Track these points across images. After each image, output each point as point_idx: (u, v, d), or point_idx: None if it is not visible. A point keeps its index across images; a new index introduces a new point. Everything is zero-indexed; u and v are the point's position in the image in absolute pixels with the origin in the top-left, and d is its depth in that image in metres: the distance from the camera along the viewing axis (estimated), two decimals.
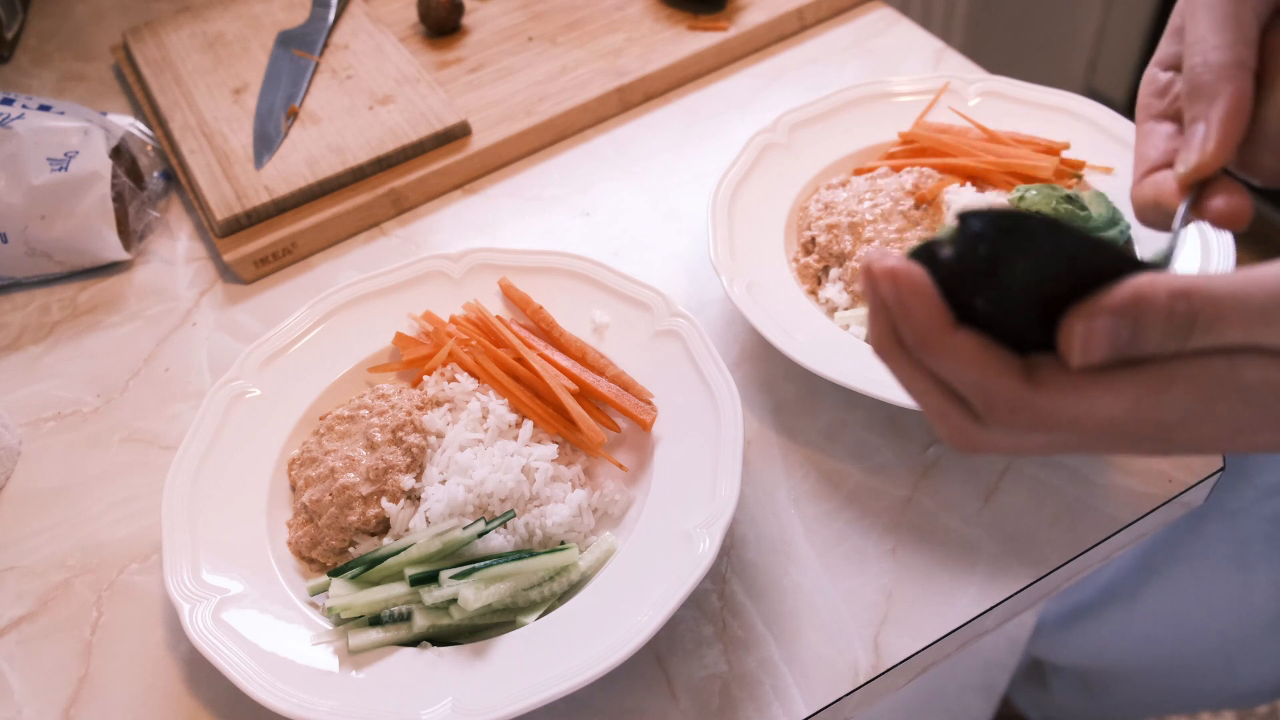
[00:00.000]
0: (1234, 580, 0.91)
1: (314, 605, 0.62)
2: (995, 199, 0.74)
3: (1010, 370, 0.34)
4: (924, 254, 0.34)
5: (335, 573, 0.61)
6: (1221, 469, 0.67)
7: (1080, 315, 0.32)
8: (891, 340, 0.36)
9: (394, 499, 0.64)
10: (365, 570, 0.60)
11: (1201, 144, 0.42)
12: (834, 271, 0.76)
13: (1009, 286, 0.34)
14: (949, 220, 0.74)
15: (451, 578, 0.59)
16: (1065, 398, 0.34)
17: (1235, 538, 0.90)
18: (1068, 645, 1.11)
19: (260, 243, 0.85)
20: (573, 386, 0.69)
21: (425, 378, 0.71)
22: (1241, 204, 0.42)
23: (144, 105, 0.99)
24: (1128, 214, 0.75)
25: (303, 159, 0.89)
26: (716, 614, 0.62)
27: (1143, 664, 1.05)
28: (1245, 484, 0.88)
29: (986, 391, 0.34)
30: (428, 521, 0.63)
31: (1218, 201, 0.42)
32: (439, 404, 0.68)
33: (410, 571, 0.60)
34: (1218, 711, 1.52)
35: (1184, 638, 0.99)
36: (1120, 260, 0.33)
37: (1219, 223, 0.42)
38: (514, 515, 0.63)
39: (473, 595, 0.58)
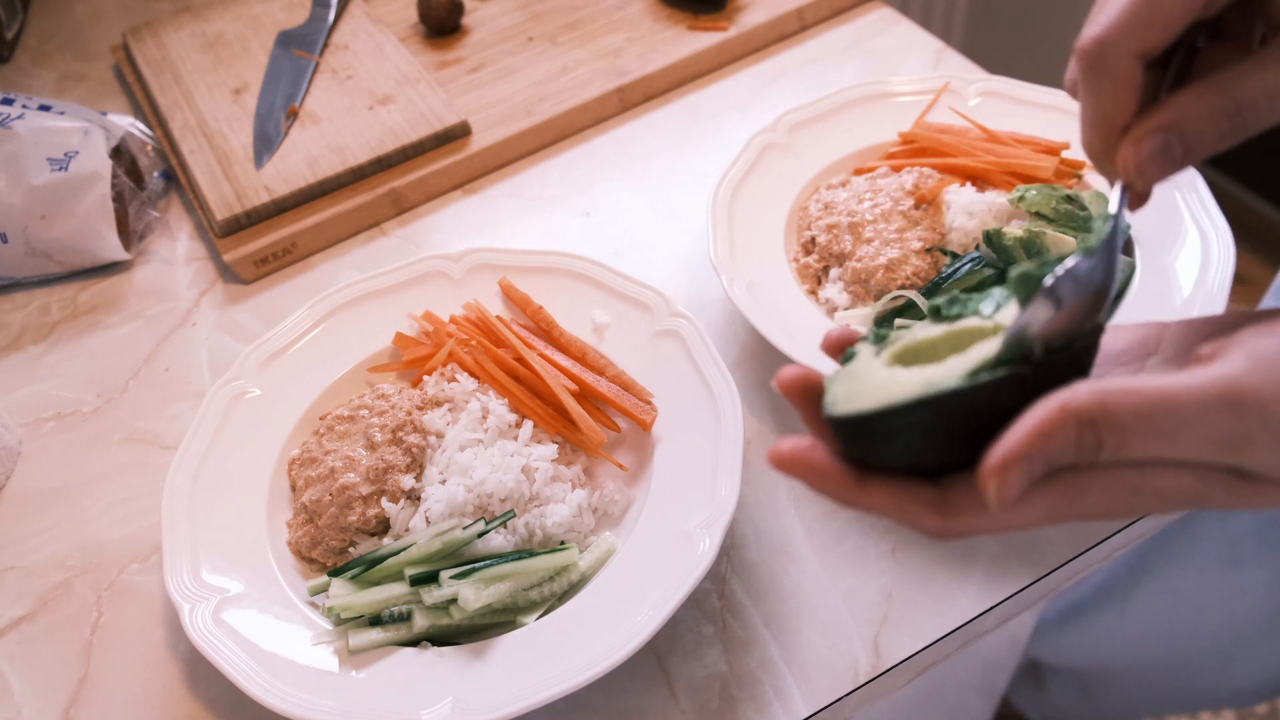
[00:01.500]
0: (1225, 580, 0.91)
1: (314, 605, 0.62)
2: (995, 199, 0.74)
3: (925, 507, 0.36)
4: (838, 424, 0.37)
5: (335, 573, 0.61)
6: None
7: (988, 468, 0.33)
8: None
9: (394, 499, 0.64)
10: (365, 570, 0.60)
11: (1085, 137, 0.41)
12: (834, 271, 0.76)
13: (897, 452, 0.36)
14: (948, 220, 0.74)
15: (451, 578, 0.59)
16: (979, 521, 0.35)
17: (1226, 537, 0.90)
18: (1063, 646, 1.11)
19: (260, 243, 0.85)
20: (573, 386, 0.69)
21: (425, 378, 0.71)
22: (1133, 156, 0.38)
23: (144, 105, 0.99)
24: (1127, 213, 0.74)
25: (303, 159, 0.89)
26: (716, 614, 0.62)
27: (1138, 664, 1.05)
28: None
29: (910, 526, 0.36)
30: (428, 521, 0.63)
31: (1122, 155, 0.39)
32: (439, 404, 0.68)
33: (410, 571, 0.60)
34: (1217, 711, 1.52)
35: (1177, 637, 0.99)
36: (1000, 386, 0.34)
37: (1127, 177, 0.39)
38: (514, 515, 0.63)
39: (473, 595, 0.58)
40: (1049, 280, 0.36)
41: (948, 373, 0.35)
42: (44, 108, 0.86)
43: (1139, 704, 1.13)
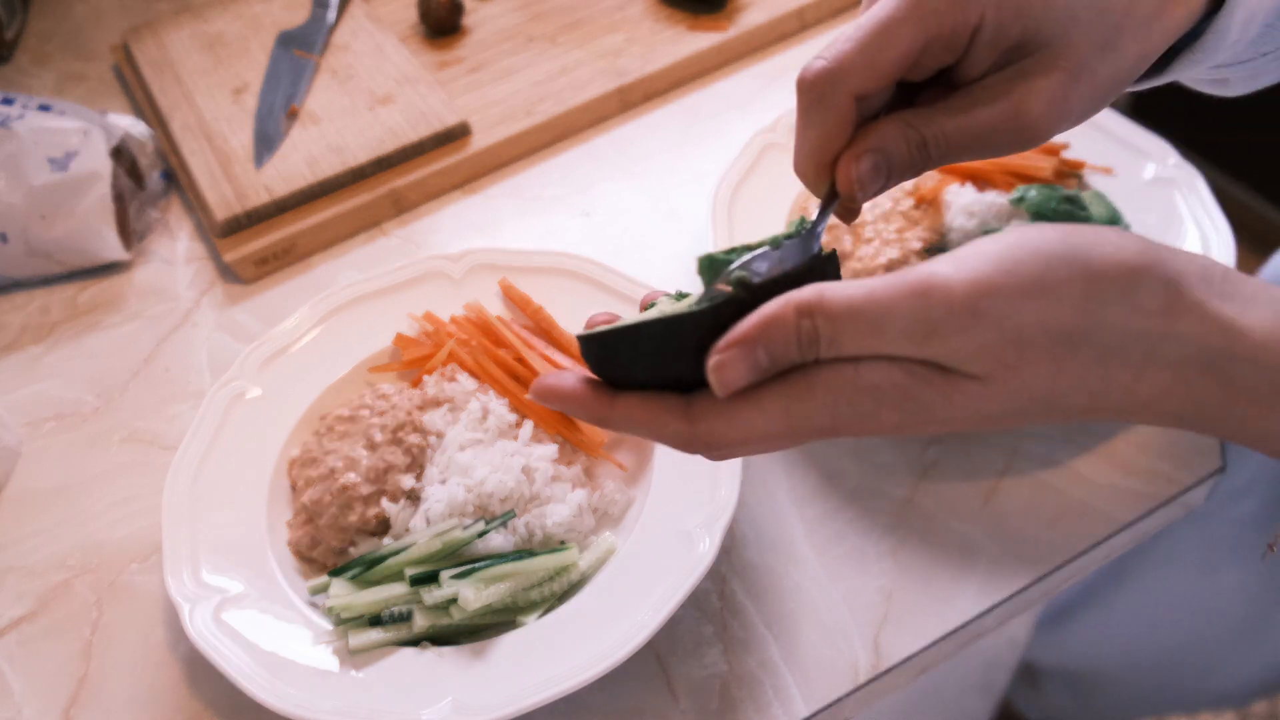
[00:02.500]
0: (1202, 583, 0.91)
1: (314, 605, 0.62)
2: (995, 199, 0.74)
3: (671, 414, 0.38)
4: (582, 341, 0.41)
5: (335, 573, 0.61)
6: (1221, 469, 0.67)
7: (714, 350, 0.36)
8: None
9: (394, 499, 0.64)
10: (365, 570, 0.61)
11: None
12: None
13: (639, 369, 0.39)
14: (948, 220, 0.75)
15: (451, 578, 0.59)
16: (721, 423, 0.37)
17: (1202, 541, 0.90)
18: (1053, 647, 1.12)
19: (260, 243, 0.85)
20: None
21: (425, 378, 0.71)
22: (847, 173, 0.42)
23: (144, 105, 0.99)
24: (1128, 214, 0.75)
25: (303, 159, 0.89)
26: (716, 614, 0.62)
27: (1123, 665, 1.06)
28: (1214, 487, 0.89)
29: (660, 436, 0.39)
30: (428, 521, 0.63)
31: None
32: (439, 404, 0.68)
33: (410, 571, 0.60)
34: (1218, 711, 1.52)
35: (1159, 639, 1.00)
36: (719, 309, 0.37)
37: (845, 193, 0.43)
38: (514, 515, 0.63)
39: (473, 595, 0.58)
40: (734, 265, 0.40)
41: (683, 305, 0.40)
42: (44, 108, 0.86)
43: (1130, 704, 1.14)
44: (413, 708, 0.55)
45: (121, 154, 0.88)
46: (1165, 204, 0.74)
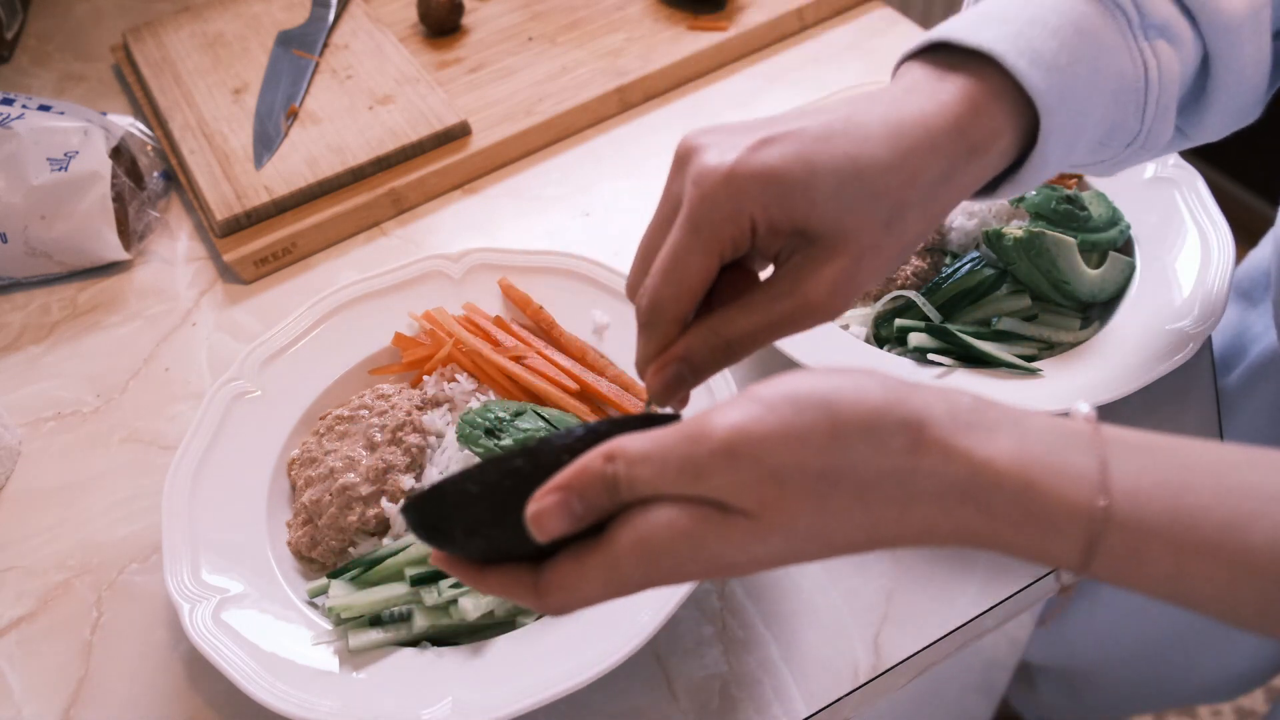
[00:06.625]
0: None
1: (314, 605, 0.62)
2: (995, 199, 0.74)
3: (524, 587, 0.40)
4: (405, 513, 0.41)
5: (335, 574, 0.61)
6: None
7: (534, 500, 0.38)
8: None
9: (394, 499, 0.64)
10: (365, 571, 0.61)
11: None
12: None
13: (479, 534, 0.39)
14: (948, 220, 0.75)
15: (451, 586, 0.59)
16: (562, 595, 0.39)
17: None
18: (1045, 645, 1.12)
19: (260, 243, 0.85)
20: (573, 386, 0.69)
21: (425, 378, 0.71)
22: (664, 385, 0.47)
23: (144, 105, 0.99)
24: (1128, 214, 0.75)
25: (303, 159, 0.89)
26: (716, 614, 0.62)
27: (1110, 661, 1.07)
28: None
29: (521, 603, 0.41)
30: None
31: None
32: (439, 404, 0.68)
33: (410, 572, 0.60)
34: (1217, 710, 1.52)
35: (1142, 635, 1.01)
36: (544, 448, 0.39)
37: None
38: None
39: (471, 605, 0.58)
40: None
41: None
42: (44, 108, 0.86)
43: (1122, 700, 1.15)
44: (413, 708, 0.55)
45: (121, 154, 0.88)
46: (1165, 204, 0.74)
